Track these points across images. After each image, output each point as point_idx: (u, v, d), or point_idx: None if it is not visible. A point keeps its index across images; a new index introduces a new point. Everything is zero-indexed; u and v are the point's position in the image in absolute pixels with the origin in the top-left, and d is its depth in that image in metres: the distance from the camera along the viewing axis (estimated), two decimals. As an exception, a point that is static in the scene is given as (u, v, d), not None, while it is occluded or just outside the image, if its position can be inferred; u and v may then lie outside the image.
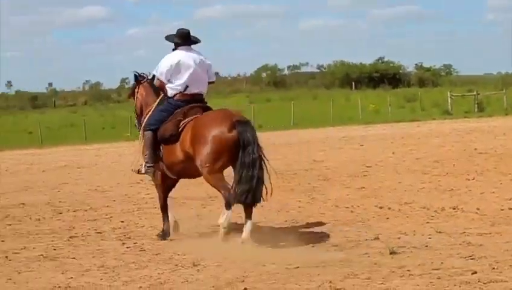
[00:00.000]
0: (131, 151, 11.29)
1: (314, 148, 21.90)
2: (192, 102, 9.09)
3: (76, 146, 29.83)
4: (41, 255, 8.44)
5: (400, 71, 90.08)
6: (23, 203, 13.07)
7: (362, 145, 21.74)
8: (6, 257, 8.45)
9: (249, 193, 8.15)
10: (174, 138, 8.87)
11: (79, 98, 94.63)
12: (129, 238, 9.24)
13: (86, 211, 11.82)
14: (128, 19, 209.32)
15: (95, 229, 10.03)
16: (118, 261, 7.84)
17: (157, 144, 9.09)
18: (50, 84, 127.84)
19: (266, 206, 11.22)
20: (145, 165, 9.16)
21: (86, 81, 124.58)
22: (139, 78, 9.96)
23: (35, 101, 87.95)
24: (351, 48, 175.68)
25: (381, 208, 10.56)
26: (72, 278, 7.21)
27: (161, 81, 9.20)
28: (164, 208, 9.38)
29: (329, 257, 7.50)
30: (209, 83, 9.38)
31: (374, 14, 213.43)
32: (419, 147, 19.86)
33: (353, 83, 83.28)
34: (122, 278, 7.07)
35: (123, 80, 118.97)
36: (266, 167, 8.32)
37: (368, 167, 15.78)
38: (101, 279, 7.11)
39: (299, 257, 7.51)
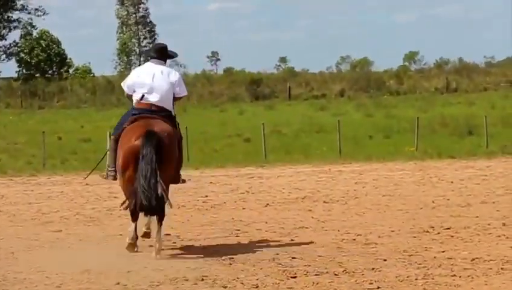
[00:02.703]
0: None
1: None
2: (147, 112, 11.21)
3: (322, 165, 24.61)
4: None
5: None
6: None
7: None
8: None
9: (139, 202, 10.46)
10: (117, 143, 11.22)
11: (331, 86, 76.53)
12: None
13: (337, 275, 9.85)
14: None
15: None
16: None
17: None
18: (282, 60, 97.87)
19: None
20: (107, 169, 11.56)
21: (343, 58, 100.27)
22: None
23: (248, 85, 62.51)
24: None
25: None
26: None
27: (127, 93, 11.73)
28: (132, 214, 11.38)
29: None
30: (177, 98, 11.62)
31: None
32: None
33: None
34: None
35: (409, 57, 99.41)
36: (158, 180, 10.48)
37: None
38: None
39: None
